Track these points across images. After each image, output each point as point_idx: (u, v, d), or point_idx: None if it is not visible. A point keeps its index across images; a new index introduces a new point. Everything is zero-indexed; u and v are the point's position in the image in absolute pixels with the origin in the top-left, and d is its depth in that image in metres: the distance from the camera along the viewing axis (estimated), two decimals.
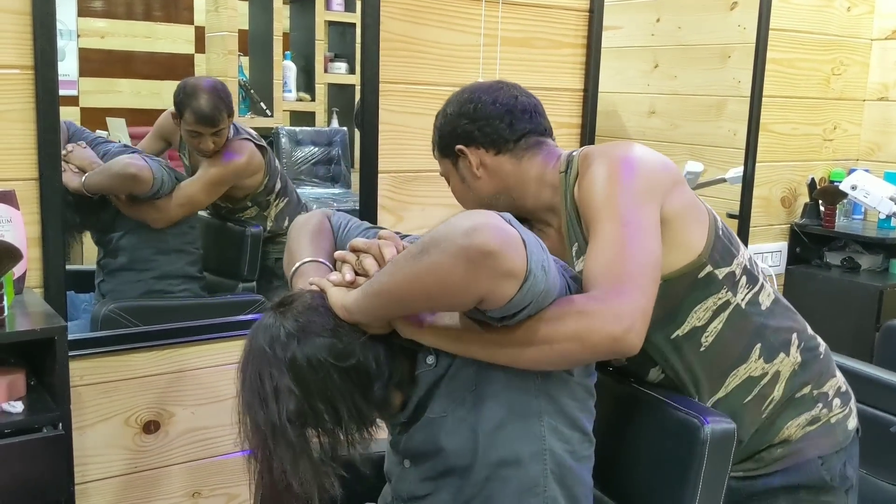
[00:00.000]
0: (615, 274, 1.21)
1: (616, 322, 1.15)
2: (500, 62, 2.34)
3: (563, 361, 1.20)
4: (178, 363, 1.99)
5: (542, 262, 1.05)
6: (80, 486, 1.85)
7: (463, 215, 1.06)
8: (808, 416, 1.46)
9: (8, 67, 1.71)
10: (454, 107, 1.48)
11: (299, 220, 1.50)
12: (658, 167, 1.35)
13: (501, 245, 1.00)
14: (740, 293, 1.41)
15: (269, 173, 2.46)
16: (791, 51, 2.97)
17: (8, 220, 1.65)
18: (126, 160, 2.27)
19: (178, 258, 2.38)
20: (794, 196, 3.14)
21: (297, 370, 1.12)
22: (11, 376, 1.54)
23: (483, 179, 1.47)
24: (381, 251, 1.18)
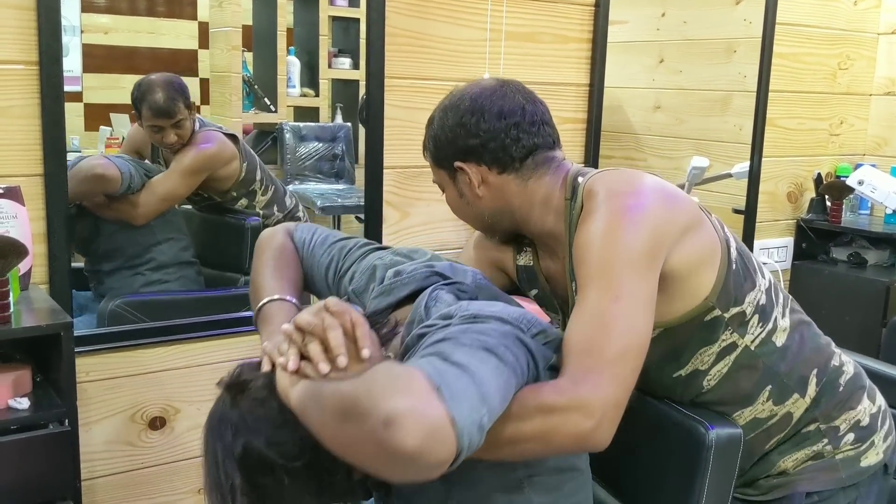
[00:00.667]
0: (592, 357, 1.12)
1: (583, 419, 1.07)
2: (504, 57, 2.34)
3: (524, 458, 1.15)
4: (183, 359, 1.99)
5: (480, 420, 0.93)
6: (87, 483, 1.84)
7: (388, 380, 0.92)
8: (809, 451, 1.38)
9: (12, 63, 1.70)
10: (454, 116, 1.33)
11: (261, 241, 1.44)
12: (665, 217, 1.22)
13: (423, 444, 0.87)
14: (749, 335, 1.32)
15: (247, 160, 2.46)
16: (797, 45, 2.95)
17: (13, 217, 1.65)
18: (90, 162, 2.28)
19: (170, 247, 2.39)
20: (800, 191, 3.12)
21: (249, 471, 1.05)
22: (17, 373, 1.54)
23: (485, 199, 1.35)
24: (326, 336, 1.05)
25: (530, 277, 1.48)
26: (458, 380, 0.93)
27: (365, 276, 1.31)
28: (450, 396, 0.90)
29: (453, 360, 0.97)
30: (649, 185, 1.26)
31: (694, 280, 1.27)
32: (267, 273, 1.37)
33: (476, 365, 0.97)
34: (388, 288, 1.24)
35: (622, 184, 1.26)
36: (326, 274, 1.40)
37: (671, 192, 1.28)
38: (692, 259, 1.25)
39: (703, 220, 1.29)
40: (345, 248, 1.40)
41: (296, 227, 1.47)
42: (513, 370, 1.03)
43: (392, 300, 1.22)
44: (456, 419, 0.89)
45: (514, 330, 1.08)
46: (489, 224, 1.41)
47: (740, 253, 1.33)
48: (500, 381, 0.99)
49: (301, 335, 1.07)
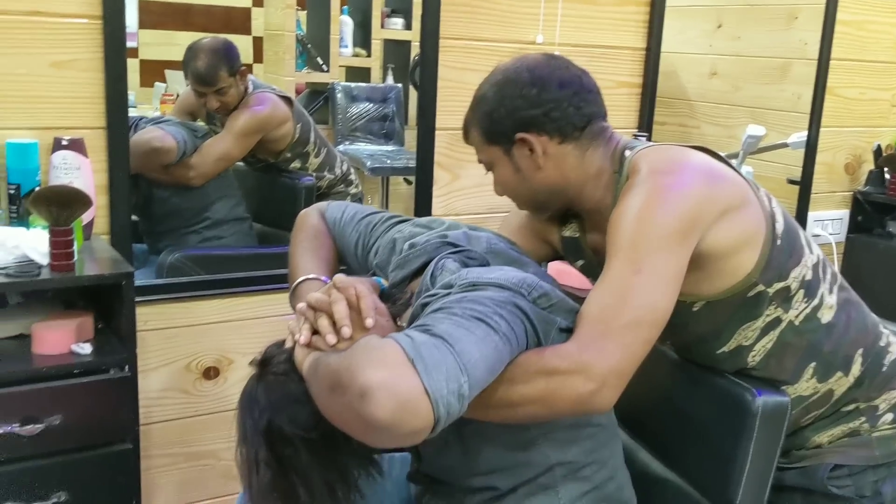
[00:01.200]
0: (604, 324, 1.13)
1: (584, 382, 1.08)
2: (560, 19, 2.31)
3: (528, 421, 1.17)
4: (237, 312, 2.03)
5: (459, 389, 0.96)
6: (144, 427, 1.90)
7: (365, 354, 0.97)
8: (846, 428, 1.39)
9: (77, 17, 1.73)
10: (512, 89, 1.32)
11: (297, 224, 1.50)
12: (704, 197, 1.22)
13: (394, 415, 0.92)
14: (793, 310, 1.32)
15: (301, 122, 2.48)
16: (861, 12, 2.86)
17: (77, 168, 1.69)
18: (145, 137, 2.31)
19: (223, 205, 2.43)
20: (858, 163, 3.05)
21: (272, 443, 1.12)
22: (80, 319, 1.60)
23: (545, 171, 1.34)
24: (331, 309, 1.12)
25: (576, 249, 1.49)
26: (434, 351, 0.97)
27: (386, 250, 1.35)
28: (423, 368, 0.94)
29: (434, 332, 1.00)
30: (692, 165, 1.26)
31: (734, 259, 1.26)
32: (300, 254, 1.43)
33: (459, 335, 1.00)
34: (402, 260, 1.28)
35: (665, 162, 1.26)
36: (355, 250, 1.44)
37: (714, 172, 1.27)
38: (731, 239, 1.25)
39: (746, 199, 1.28)
40: (370, 223, 1.44)
41: (327, 207, 1.52)
42: (505, 338, 1.05)
43: (407, 272, 1.26)
44: (429, 390, 0.93)
45: (513, 296, 1.10)
46: (541, 201, 1.39)
47: (787, 228, 1.31)
48: (486, 348, 1.02)
49: (313, 312, 1.14)
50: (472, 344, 1.00)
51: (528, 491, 1.23)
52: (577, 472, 1.24)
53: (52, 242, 1.51)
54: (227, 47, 2.39)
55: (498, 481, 1.23)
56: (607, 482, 1.27)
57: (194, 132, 2.37)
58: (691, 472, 1.39)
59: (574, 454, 1.23)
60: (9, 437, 1.45)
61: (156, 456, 2.00)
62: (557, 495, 1.23)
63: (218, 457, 2.09)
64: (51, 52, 1.72)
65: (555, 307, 1.17)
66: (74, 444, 1.52)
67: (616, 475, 1.30)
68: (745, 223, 1.26)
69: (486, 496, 1.25)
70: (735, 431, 1.29)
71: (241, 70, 2.37)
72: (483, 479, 1.24)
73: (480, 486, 1.25)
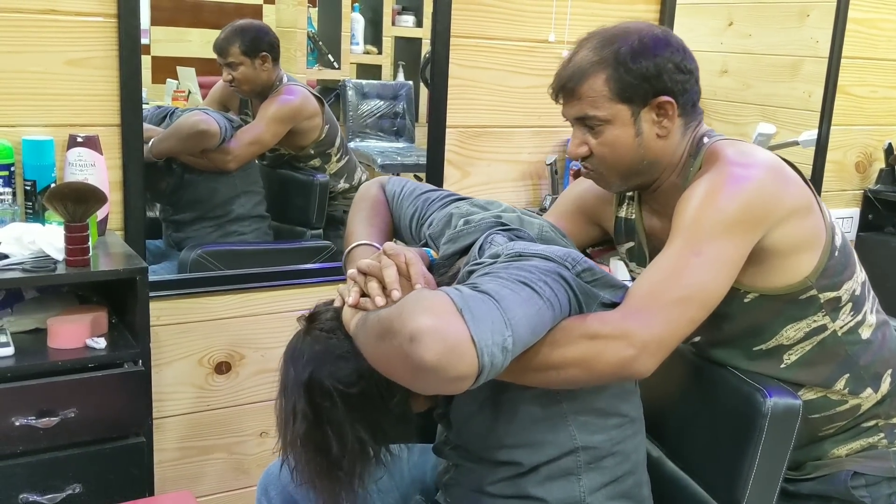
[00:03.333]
0: (651, 296, 1.16)
1: (624, 347, 1.11)
2: (570, 17, 2.31)
3: (568, 385, 1.18)
4: (250, 307, 2.05)
5: (504, 342, 0.99)
6: (157, 421, 1.93)
7: (416, 302, 1.01)
8: (864, 442, 1.41)
9: (92, 15, 1.75)
10: (662, 50, 1.27)
11: (357, 195, 1.53)
12: (771, 193, 1.24)
13: (441, 358, 0.95)
14: (840, 320, 1.35)
15: (329, 123, 2.52)
16: (873, 10, 2.85)
17: (92, 165, 1.71)
18: (193, 119, 2.36)
19: (248, 200, 2.46)
20: (868, 161, 3.04)
21: (311, 394, 1.16)
22: (95, 314, 1.62)
23: (663, 140, 1.31)
24: (382, 275, 1.15)
25: (629, 230, 1.50)
26: (481, 304, 1.01)
27: (441, 223, 1.37)
28: (471, 318, 0.98)
29: (481, 289, 1.04)
30: (764, 161, 1.27)
31: (794, 259, 1.29)
32: (358, 221, 1.46)
33: (505, 294, 1.04)
34: (455, 235, 1.30)
35: (739, 154, 1.28)
36: (410, 223, 1.47)
37: (786, 174, 1.29)
38: (795, 240, 1.27)
39: (812, 206, 1.31)
40: (429, 199, 1.47)
41: (388, 181, 1.55)
42: (549, 303, 1.09)
43: (458, 247, 1.28)
44: (476, 337, 0.97)
45: (558, 267, 1.13)
46: (636, 172, 1.34)
47: (844, 243, 1.35)
48: (530, 309, 1.05)
49: (363, 277, 1.17)
50: (517, 303, 1.04)
51: (549, 473, 1.24)
52: (599, 462, 1.25)
53: (68, 238, 1.53)
54: (248, 28, 2.45)
55: (522, 456, 1.25)
56: (627, 477, 1.29)
57: (230, 121, 2.41)
58: (700, 470, 1.39)
59: (599, 441, 1.25)
60: (25, 429, 1.47)
61: (168, 449, 2.02)
62: (579, 483, 1.24)
63: (230, 451, 2.11)
64: (66, 49, 1.74)
65: (598, 282, 1.19)
66: (89, 437, 1.54)
67: (637, 471, 1.31)
68: (809, 228, 1.29)
69: (509, 472, 1.26)
70: (744, 432, 1.28)
71: (262, 55, 2.41)
72: (508, 453, 1.25)
73: (505, 459, 1.26)
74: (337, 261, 2.33)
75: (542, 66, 2.32)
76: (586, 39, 1.34)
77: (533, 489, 1.25)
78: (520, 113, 2.33)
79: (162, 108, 2.44)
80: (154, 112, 2.40)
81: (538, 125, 2.37)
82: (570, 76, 1.31)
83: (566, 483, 1.24)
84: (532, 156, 2.39)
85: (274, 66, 2.44)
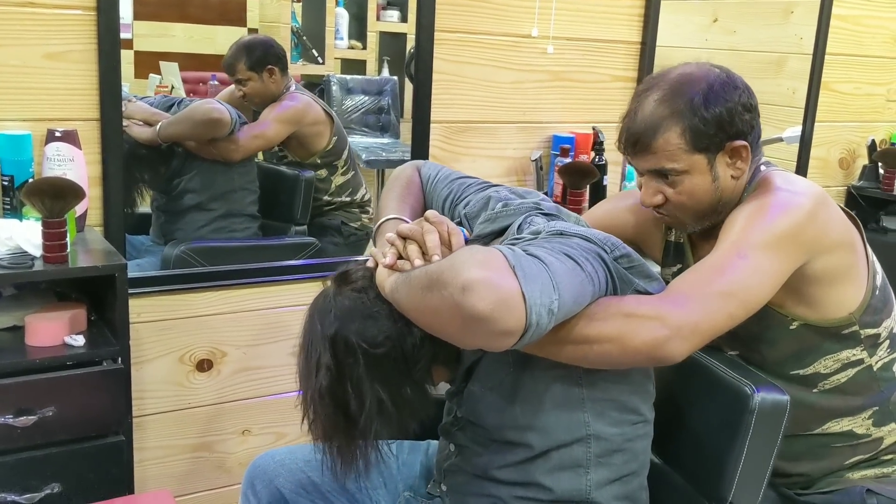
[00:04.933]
0: (692, 286, 1.18)
1: (658, 327, 1.12)
2: (555, 12, 2.31)
3: (600, 362, 1.17)
4: (233, 304, 2.03)
5: (551, 304, 1.01)
6: (137, 419, 1.91)
7: (469, 255, 1.03)
8: (878, 472, 1.43)
9: (70, 8, 1.73)
10: (731, 93, 1.28)
11: (393, 174, 1.55)
12: (816, 222, 1.27)
13: (493, 309, 0.97)
14: (877, 355, 1.38)
15: (338, 136, 2.55)
16: (857, 7, 2.86)
17: (70, 160, 1.69)
18: (207, 106, 2.39)
19: (243, 196, 2.45)
20: (852, 158, 3.06)
21: (336, 349, 1.16)
22: (73, 311, 1.60)
23: (737, 180, 1.33)
24: (423, 238, 1.17)
25: (678, 253, 1.51)
26: (532, 265, 1.03)
27: (479, 204, 1.38)
28: (523, 275, 1.01)
29: (531, 252, 1.06)
30: (814, 192, 1.30)
31: (838, 293, 1.32)
32: (391, 197, 1.48)
33: (552, 260, 1.06)
34: (493, 216, 1.31)
35: (791, 183, 1.31)
36: (443, 204, 1.47)
37: (831, 207, 1.32)
38: (838, 272, 1.30)
39: (856, 243, 1.35)
40: (465, 183, 1.48)
41: (424, 164, 1.57)
42: (590, 277, 1.11)
43: (496, 227, 1.29)
44: (526, 294, 0.99)
45: (598, 249, 1.16)
46: (714, 211, 1.36)
47: (884, 281, 1.39)
48: (574, 279, 1.07)
49: (402, 241, 1.20)
50: (563, 271, 1.06)
51: (559, 461, 1.24)
52: (609, 456, 1.25)
53: (46, 234, 1.51)
54: (253, 44, 2.50)
55: (534, 439, 1.24)
56: (633, 478, 1.29)
57: (239, 116, 2.42)
58: (687, 466, 1.39)
59: (611, 433, 1.25)
60: (3, 428, 1.45)
61: (149, 448, 2.00)
62: (587, 476, 1.24)
63: (211, 449, 2.09)
64: (44, 43, 1.71)
65: (635, 269, 1.20)
66: (68, 436, 1.52)
67: (641, 474, 1.31)
68: (853, 263, 1.32)
69: (518, 455, 1.26)
70: (732, 427, 1.29)
71: (269, 68, 2.44)
72: (520, 434, 1.25)
73: (516, 440, 1.25)
74: (321, 257, 2.33)
75: (527, 61, 2.31)
76: (649, 89, 1.33)
77: (541, 477, 1.25)
78: (505, 108, 2.32)
79: (169, 97, 2.44)
80: (161, 100, 2.40)
81: (523, 121, 2.36)
82: (643, 131, 1.30)
83: (574, 475, 1.24)
84: (517, 151, 2.38)
85: (283, 76, 2.48)
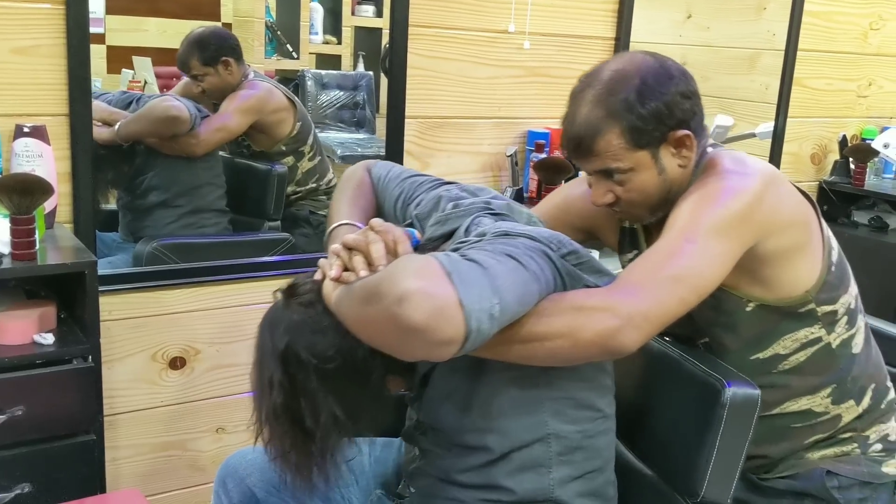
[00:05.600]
0: (641, 274, 1.16)
1: (608, 318, 1.10)
2: (531, 7, 2.31)
3: (552, 358, 1.15)
4: (205, 301, 2.02)
5: (491, 309, 1.00)
6: (109, 418, 1.89)
7: (405, 265, 1.01)
8: (838, 450, 1.44)
9: (39, 2, 1.70)
10: (665, 83, 1.25)
11: (343, 176, 1.52)
12: (766, 203, 1.24)
13: (430, 320, 0.95)
14: (835, 332, 1.37)
15: (302, 121, 2.51)
16: (829, 3, 2.89)
17: (39, 156, 1.67)
18: (164, 104, 2.34)
19: (209, 192, 2.43)
20: (824, 153, 3.09)
21: (287, 365, 1.14)
22: (42, 309, 1.58)
23: (685, 169, 1.30)
24: (368, 249, 1.15)
25: (633, 240, 1.50)
26: (470, 270, 1.02)
27: (430, 204, 1.36)
28: (460, 282, 0.99)
29: (469, 257, 1.04)
30: (764, 172, 1.28)
31: (792, 271, 1.31)
32: (342, 201, 1.46)
33: (492, 263, 1.04)
34: (444, 218, 1.29)
35: (740, 164, 1.29)
36: (395, 204, 1.46)
37: (784, 186, 1.30)
38: (791, 251, 1.29)
39: (810, 220, 1.33)
40: (417, 181, 1.46)
41: (375, 164, 1.55)
42: (535, 276, 1.09)
43: (445, 230, 1.27)
44: (464, 301, 0.98)
45: (543, 247, 1.14)
46: (665, 200, 1.32)
47: (840, 258, 1.38)
48: (517, 280, 1.06)
49: (348, 252, 1.16)
50: (504, 272, 1.04)
51: (521, 462, 1.23)
52: (570, 454, 1.25)
53: (13, 231, 1.49)
54: (204, 38, 2.43)
55: (493, 441, 1.24)
56: (597, 475, 1.29)
57: (199, 110, 2.39)
58: (658, 460, 1.39)
59: (570, 431, 1.24)
60: None
61: (121, 447, 1.98)
62: (549, 475, 1.24)
63: (184, 447, 2.07)
64: (12, 38, 1.69)
65: (583, 265, 1.20)
66: (37, 436, 1.50)
67: (606, 470, 1.31)
68: (807, 241, 1.31)
69: (479, 459, 1.25)
70: (703, 421, 1.29)
71: (223, 61, 2.39)
72: (479, 437, 1.24)
73: (476, 443, 1.25)
74: (295, 253, 2.31)
75: (503, 56, 2.31)
76: (584, 89, 1.29)
77: (503, 479, 1.24)
78: (480, 104, 2.32)
79: (127, 93, 2.40)
80: (120, 97, 2.36)
81: (499, 116, 2.36)
82: (583, 134, 1.28)
83: (536, 475, 1.24)
84: (492, 147, 2.38)
85: (239, 65, 2.43)
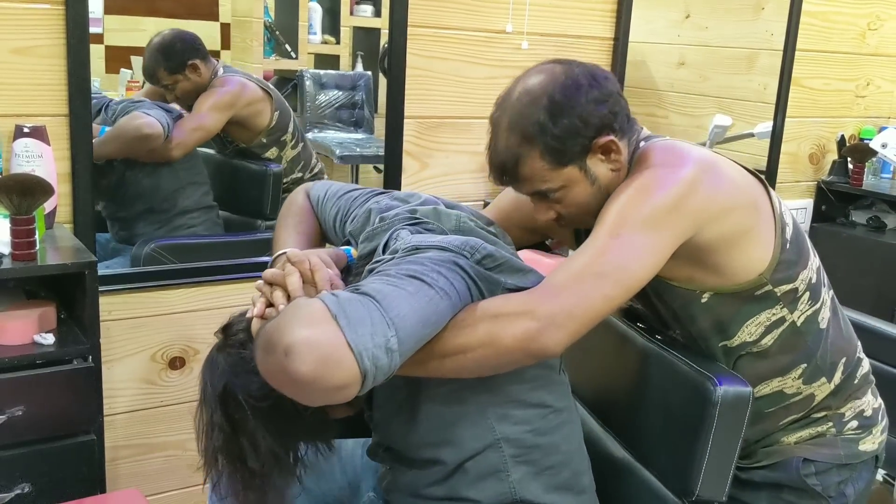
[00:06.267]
0: (563, 275, 1.14)
1: (528, 321, 1.09)
2: (529, 8, 2.31)
3: (480, 369, 1.15)
4: (205, 301, 2.02)
5: (387, 343, 0.97)
6: (109, 418, 1.89)
7: (293, 314, 0.98)
8: (813, 431, 1.42)
9: (38, 2, 1.70)
10: (575, 95, 1.23)
11: (284, 204, 1.52)
12: (701, 192, 1.21)
13: (316, 369, 0.93)
14: (798, 310, 1.35)
15: (279, 110, 2.48)
16: (827, 3, 2.90)
17: (39, 156, 1.67)
18: (135, 123, 2.29)
19: (193, 191, 2.41)
20: (822, 153, 3.10)
21: (226, 406, 1.15)
22: (42, 309, 1.58)
23: (619, 172, 1.28)
24: (285, 282, 1.14)
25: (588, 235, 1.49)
26: (359, 306, 0.99)
27: (361, 219, 1.35)
28: (346, 323, 0.96)
29: (362, 290, 1.03)
30: (696, 161, 1.25)
31: (741, 256, 1.28)
32: (283, 229, 1.45)
33: (388, 292, 1.02)
34: (371, 234, 1.28)
35: (671, 155, 1.26)
36: (334, 223, 1.45)
37: (718, 171, 1.26)
38: (737, 236, 1.26)
39: (759, 200, 1.30)
40: (351, 197, 1.44)
41: (312, 186, 1.53)
42: (443, 292, 1.07)
43: (374, 245, 1.26)
44: (351, 343, 0.95)
45: (454, 257, 1.13)
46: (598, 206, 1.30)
47: (796, 234, 1.35)
48: (418, 303, 1.03)
49: (269, 287, 1.16)
50: (402, 299, 1.02)
51: (478, 471, 1.23)
52: (526, 454, 1.24)
53: (13, 231, 1.49)
54: (166, 45, 2.37)
55: (445, 454, 1.23)
56: (562, 468, 1.27)
57: (169, 113, 2.36)
58: (652, 460, 1.39)
59: (520, 432, 1.23)
60: None
61: (121, 447, 1.98)
62: (509, 478, 1.23)
63: (184, 448, 2.08)
64: (12, 38, 1.69)
65: (501, 267, 1.18)
66: (37, 436, 1.51)
67: (572, 462, 1.29)
68: (754, 224, 1.28)
69: (437, 473, 1.25)
70: (696, 420, 1.29)
71: (191, 65, 2.36)
72: (432, 451, 1.24)
73: (429, 458, 1.25)
74: None
75: (501, 56, 2.32)
76: (500, 116, 1.29)
77: (465, 490, 1.24)
78: (478, 104, 2.32)
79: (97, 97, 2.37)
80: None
81: None
82: (504, 163, 1.28)
83: (496, 481, 1.23)
84: None
85: (206, 64, 2.39)
